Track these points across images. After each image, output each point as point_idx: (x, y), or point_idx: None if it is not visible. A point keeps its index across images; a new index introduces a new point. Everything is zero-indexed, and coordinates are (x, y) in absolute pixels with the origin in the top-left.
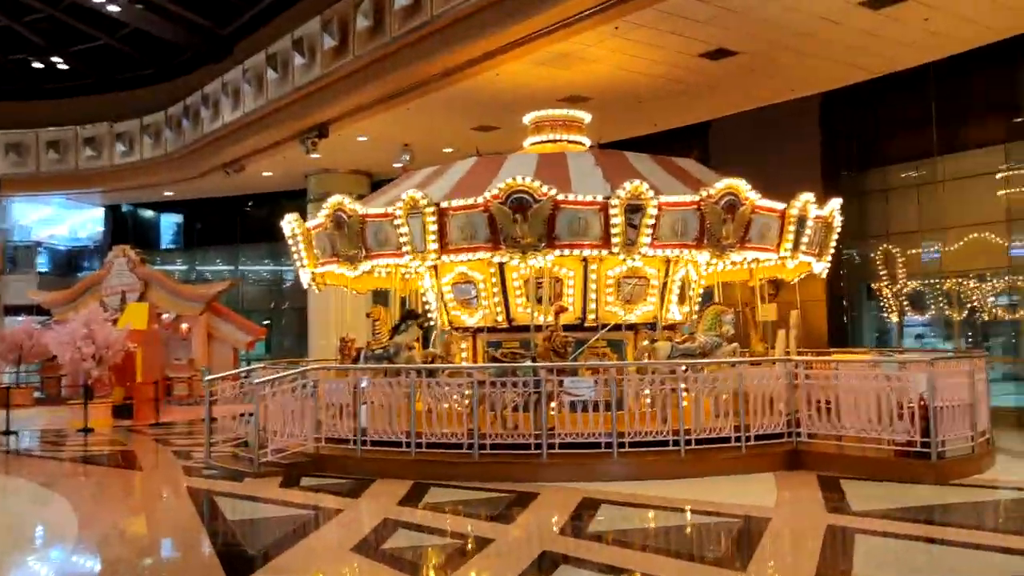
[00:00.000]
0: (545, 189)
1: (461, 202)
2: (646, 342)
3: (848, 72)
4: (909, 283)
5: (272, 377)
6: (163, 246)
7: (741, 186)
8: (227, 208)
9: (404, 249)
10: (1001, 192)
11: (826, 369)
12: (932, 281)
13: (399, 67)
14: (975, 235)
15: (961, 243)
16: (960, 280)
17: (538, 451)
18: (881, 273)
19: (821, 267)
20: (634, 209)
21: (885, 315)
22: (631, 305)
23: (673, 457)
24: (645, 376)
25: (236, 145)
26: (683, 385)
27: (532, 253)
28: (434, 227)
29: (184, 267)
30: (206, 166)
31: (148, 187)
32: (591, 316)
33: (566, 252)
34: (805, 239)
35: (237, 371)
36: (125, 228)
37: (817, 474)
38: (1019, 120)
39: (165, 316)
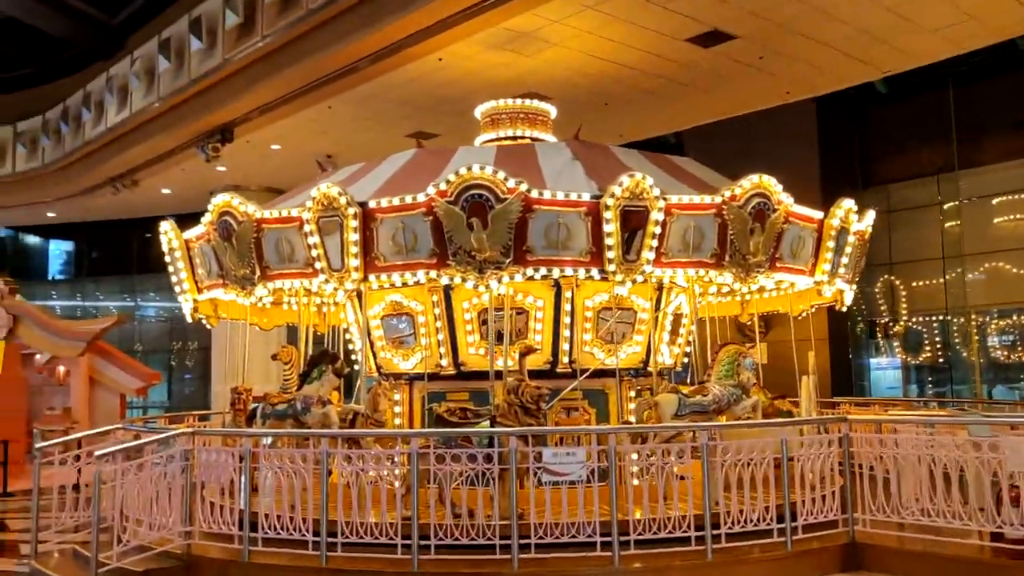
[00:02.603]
0: (512, 183)
1: (395, 201)
2: (632, 393)
3: (860, 69)
4: (917, 319)
5: (119, 446)
6: (51, 276)
7: (773, 185)
8: (124, 233)
9: (316, 266)
10: None
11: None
12: (945, 317)
13: (318, 48)
14: (999, 264)
15: (981, 273)
16: (980, 316)
17: (506, 553)
18: (882, 308)
19: (851, 297)
20: (633, 213)
21: (889, 356)
22: (614, 345)
23: (696, 559)
24: (650, 446)
25: (124, 153)
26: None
27: (493, 272)
28: (356, 236)
29: (80, 301)
30: (91, 180)
31: (24, 206)
32: (564, 359)
33: (540, 272)
34: (845, 259)
35: (70, 437)
36: (2, 255)
37: None
38: None
39: (38, 358)
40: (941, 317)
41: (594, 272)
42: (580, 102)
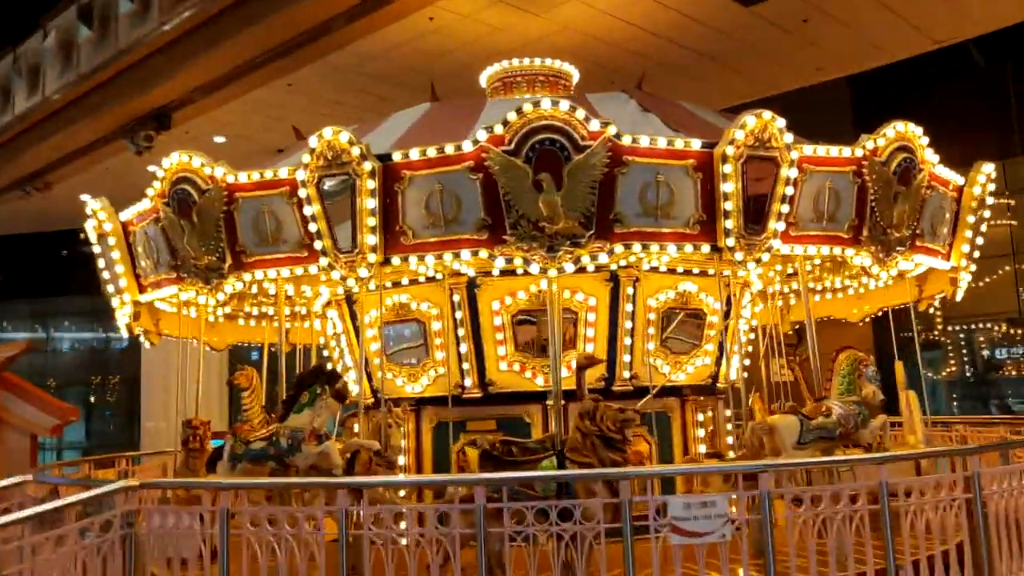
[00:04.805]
0: (597, 125)
1: (430, 152)
2: (700, 416)
3: (910, 38)
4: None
5: (27, 512)
6: None
7: (918, 137)
8: (34, 250)
9: (316, 247)
10: None
11: None
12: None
13: (281, 5)
14: None
15: None
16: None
17: None
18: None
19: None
20: (758, 166)
21: (928, 372)
22: (680, 356)
23: None
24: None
25: (34, 147)
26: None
27: (567, 251)
28: (373, 202)
29: None
30: None
31: None
32: (624, 374)
33: (634, 248)
34: (980, 239)
35: None
36: None
37: None
38: None
39: None
40: (978, 325)
41: (706, 248)
42: (585, 77)
